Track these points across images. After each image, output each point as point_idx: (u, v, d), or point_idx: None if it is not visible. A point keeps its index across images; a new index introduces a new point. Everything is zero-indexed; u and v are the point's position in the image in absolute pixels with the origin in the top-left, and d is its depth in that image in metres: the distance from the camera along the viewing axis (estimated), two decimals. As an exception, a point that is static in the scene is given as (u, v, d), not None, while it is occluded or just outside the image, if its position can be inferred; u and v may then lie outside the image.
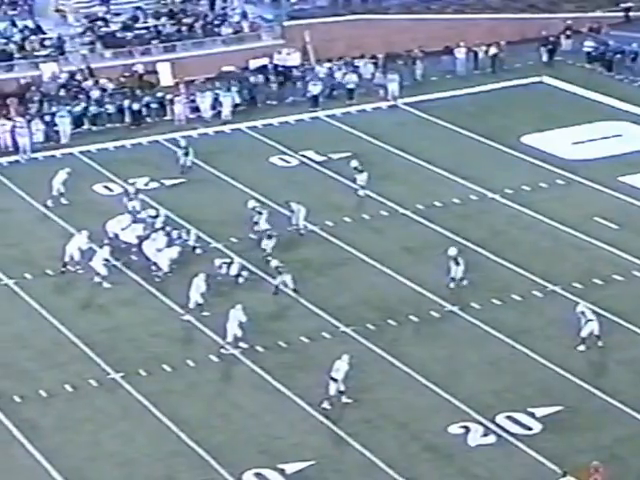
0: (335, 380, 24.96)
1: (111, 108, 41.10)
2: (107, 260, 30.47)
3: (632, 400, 25.01)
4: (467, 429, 24.32)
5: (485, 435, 24.19)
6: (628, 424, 24.40)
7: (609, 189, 35.31)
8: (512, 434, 24.19)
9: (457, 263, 29.69)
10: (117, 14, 46.78)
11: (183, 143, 37.50)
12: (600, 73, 45.30)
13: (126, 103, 41.19)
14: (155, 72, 44.28)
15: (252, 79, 43.59)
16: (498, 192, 35.37)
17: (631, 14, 50.15)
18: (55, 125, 39.76)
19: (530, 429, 24.34)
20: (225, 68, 44.62)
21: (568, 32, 47.48)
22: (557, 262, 31.13)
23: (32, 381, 26.22)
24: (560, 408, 24.87)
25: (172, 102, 41.48)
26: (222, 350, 27.23)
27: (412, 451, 23.86)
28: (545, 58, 46.25)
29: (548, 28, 47.01)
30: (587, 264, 30.92)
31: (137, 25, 46.35)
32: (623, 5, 50.26)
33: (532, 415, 24.70)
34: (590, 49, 46.33)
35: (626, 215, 33.42)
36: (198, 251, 31.52)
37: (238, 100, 42.18)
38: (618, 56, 45.61)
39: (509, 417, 24.66)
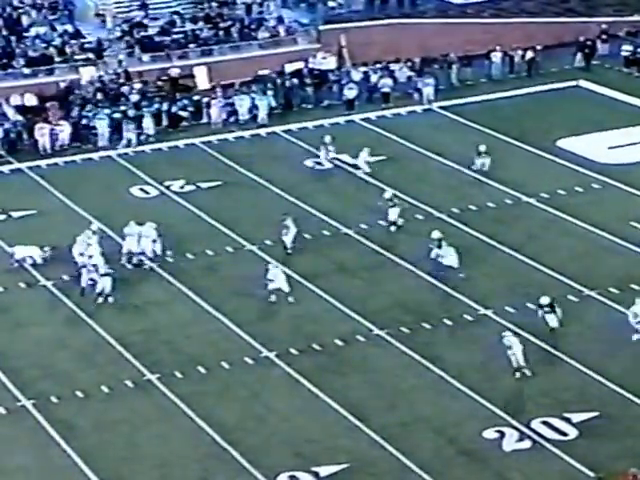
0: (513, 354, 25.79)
1: (148, 111, 41.43)
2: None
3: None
4: (502, 434, 24.27)
5: (520, 440, 24.11)
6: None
7: (645, 193, 35.21)
8: (548, 439, 24.11)
9: None
10: (155, 19, 47.17)
11: (328, 139, 37.60)
12: (637, 77, 45.03)
13: (164, 106, 41.52)
14: (192, 76, 44.61)
15: (288, 83, 43.78)
16: (534, 196, 35.25)
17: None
18: (93, 128, 40.21)
19: (566, 435, 24.24)
20: (261, 72, 44.87)
21: (604, 36, 47.26)
22: (593, 267, 30.97)
23: (69, 382, 26.47)
24: (597, 414, 24.74)
25: (209, 105, 41.77)
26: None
27: (447, 455, 23.83)
28: (581, 62, 46.11)
29: (586, 32, 46.79)
30: (624, 269, 30.73)
31: (175, 29, 46.72)
32: (661, 9, 50.02)
33: (568, 421, 24.60)
34: (627, 53, 46.10)
35: (662, 220, 33.27)
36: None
37: (274, 104, 42.40)
38: (656, 60, 45.42)
39: (545, 422, 24.57)
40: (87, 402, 25.79)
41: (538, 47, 45.86)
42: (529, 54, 45.60)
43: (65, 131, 39.76)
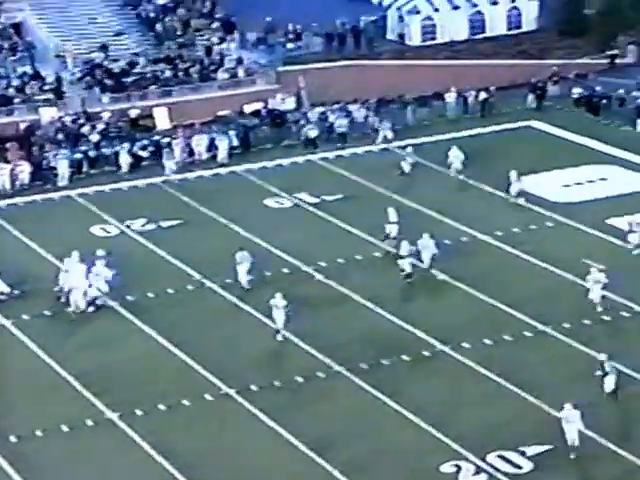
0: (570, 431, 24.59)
1: (108, 151, 41.78)
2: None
3: (622, 439, 25.29)
4: (459, 468, 24.64)
5: (477, 474, 24.45)
6: (619, 464, 24.64)
7: (597, 231, 35.90)
8: (503, 472, 24.49)
9: None
10: (115, 60, 47.62)
11: (410, 149, 40.38)
12: (587, 118, 46.13)
13: (124, 146, 41.84)
14: (152, 116, 45.05)
15: (247, 123, 44.37)
16: (488, 234, 35.94)
17: (616, 61, 51.20)
18: (53, 168, 40.48)
19: (520, 468, 24.65)
20: (221, 112, 45.42)
21: (555, 78, 48.41)
22: (547, 303, 31.54)
23: (28, 421, 26.46)
24: (551, 447, 25.18)
25: (169, 145, 42.20)
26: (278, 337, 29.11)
27: (405, 489, 24.18)
28: (533, 103, 47.20)
29: (537, 74, 47.92)
30: (576, 305, 31.37)
31: (135, 70, 47.17)
32: (609, 52, 51.30)
33: (523, 454, 25.02)
34: (577, 94, 47.25)
35: (613, 257, 33.96)
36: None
37: (236, 143, 42.94)
38: (604, 101, 46.51)
39: (500, 456, 24.98)
40: (47, 441, 25.80)
41: (492, 88, 46.89)
42: (483, 95, 46.59)
43: (25, 171, 40.03)
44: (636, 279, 32.48)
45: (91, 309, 31.18)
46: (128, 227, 36.87)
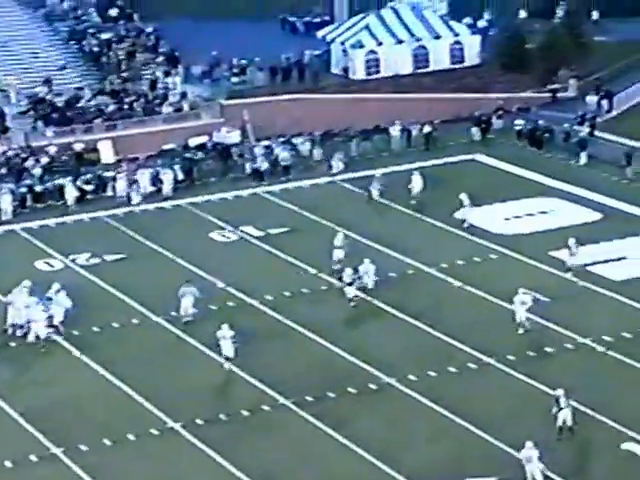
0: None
1: (52, 186, 41.50)
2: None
3: (570, 473, 25.42)
4: (405, 500, 24.71)
5: (423, 505, 24.56)
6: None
7: (540, 263, 36.37)
8: (449, 504, 24.63)
9: None
10: (59, 94, 47.41)
11: (378, 175, 41.48)
12: (530, 151, 46.80)
13: (68, 180, 41.60)
14: (96, 150, 44.90)
15: (192, 156, 44.41)
16: (433, 266, 36.23)
17: (558, 95, 52.18)
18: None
19: (467, 499, 24.80)
20: (166, 146, 45.41)
21: (499, 112, 49.14)
22: (491, 335, 31.78)
23: (-29, 458, 26.15)
24: (497, 479, 25.25)
25: (114, 179, 42.06)
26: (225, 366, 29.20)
27: (351, 523, 24.14)
28: (477, 136, 47.84)
29: (481, 108, 48.65)
30: (520, 336, 31.67)
31: (79, 104, 47.00)
32: (550, 87, 52.27)
33: (469, 485, 25.17)
34: (520, 127, 47.98)
35: (556, 288, 34.41)
36: None
37: (181, 176, 42.94)
38: (547, 135, 47.30)
39: (446, 487, 25.12)
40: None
41: (436, 121, 47.43)
42: (427, 128, 47.10)
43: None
44: (579, 311, 32.94)
45: (31, 338, 30.92)
46: (73, 261, 36.60)
